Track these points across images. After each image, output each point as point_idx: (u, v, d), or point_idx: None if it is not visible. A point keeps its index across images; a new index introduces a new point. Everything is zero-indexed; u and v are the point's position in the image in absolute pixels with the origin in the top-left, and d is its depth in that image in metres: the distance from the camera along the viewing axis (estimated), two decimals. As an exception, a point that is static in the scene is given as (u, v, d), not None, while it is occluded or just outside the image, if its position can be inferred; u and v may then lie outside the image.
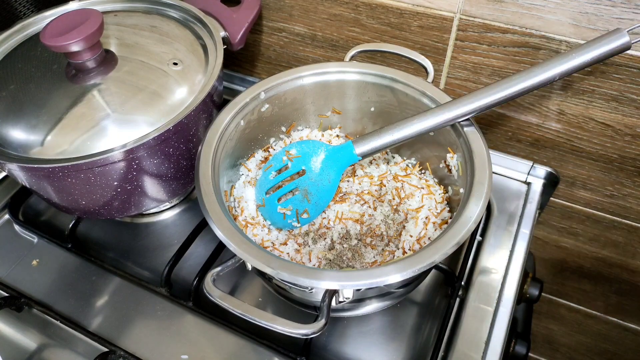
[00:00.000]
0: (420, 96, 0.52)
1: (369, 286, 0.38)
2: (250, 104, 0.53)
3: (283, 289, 0.48)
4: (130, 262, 0.60)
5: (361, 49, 0.58)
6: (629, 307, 0.87)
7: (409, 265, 0.38)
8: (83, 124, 0.50)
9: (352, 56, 0.58)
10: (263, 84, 0.54)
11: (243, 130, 0.53)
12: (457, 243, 0.40)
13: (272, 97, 0.55)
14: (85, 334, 0.52)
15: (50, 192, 0.52)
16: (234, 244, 0.40)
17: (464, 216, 0.41)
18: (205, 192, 0.44)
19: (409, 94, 0.53)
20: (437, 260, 0.39)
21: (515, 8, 0.54)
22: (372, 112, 0.57)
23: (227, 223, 0.42)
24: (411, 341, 0.52)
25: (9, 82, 0.54)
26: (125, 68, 0.54)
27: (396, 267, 0.38)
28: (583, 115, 0.60)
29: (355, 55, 0.58)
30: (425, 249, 0.40)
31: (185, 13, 0.62)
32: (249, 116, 0.53)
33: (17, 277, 0.58)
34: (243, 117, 0.52)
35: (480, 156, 0.46)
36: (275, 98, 0.55)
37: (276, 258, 0.40)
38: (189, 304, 0.54)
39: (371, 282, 0.38)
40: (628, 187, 0.66)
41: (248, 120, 0.53)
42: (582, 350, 1.04)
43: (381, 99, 0.56)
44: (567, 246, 0.80)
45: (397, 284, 0.48)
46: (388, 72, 0.54)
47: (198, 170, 0.46)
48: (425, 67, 0.55)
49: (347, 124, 0.60)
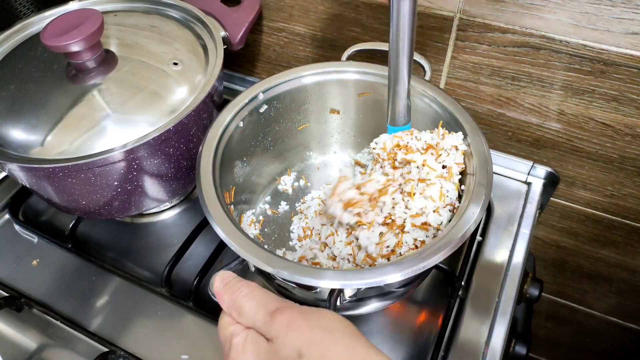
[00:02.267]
0: (420, 96, 0.52)
1: (370, 285, 0.38)
2: (250, 105, 0.53)
3: (285, 289, 0.48)
4: (131, 262, 0.60)
5: (358, 48, 0.58)
6: (629, 307, 0.87)
7: (410, 265, 0.38)
8: (83, 124, 0.50)
9: (349, 56, 0.58)
10: (263, 84, 0.54)
11: (242, 130, 0.53)
12: (457, 243, 0.40)
13: (272, 98, 0.55)
14: (85, 334, 0.52)
15: (50, 192, 0.52)
16: (235, 243, 0.40)
17: (464, 216, 0.41)
18: (206, 192, 0.44)
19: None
20: (437, 260, 0.39)
21: (515, 8, 0.54)
22: (372, 110, 0.58)
23: (229, 223, 0.42)
24: (411, 341, 0.52)
25: (9, 82, 0.54)
26: (126, 68, 0.54)
27: (397, 267, 0.38)
28: (583, 115, 0.60)
29: (352, 54, 0.58)
30: (426, 248, 0.40)
31: (185, 13, 0.62)
32: (249, 117, 0.53)
33: (17, 277, 0.58)
34: (243, 118, 0.52)
35: (480, 156, 0.46)
36: (274, 98, 0.55)
37: (277, 257, 0.40)
38: (189, 304, 0.54)
39: (372, 282, 0.38)
40: (628, 187, 0.66)
41: (248, 120, 0.53)
42: (582, 350, 1.04)
43: (381, 98, 0.56)
44: (567, 246, 0.80)
45: (398, 284, 0.48)
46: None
47: (199, 170, 0.46)
48: (422, 65, 0.55)
49: (347, 123, 0.61)
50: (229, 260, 0.42)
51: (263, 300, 0.34)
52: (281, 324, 0.32)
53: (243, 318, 0.34)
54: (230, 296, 0.35)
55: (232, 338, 0.34)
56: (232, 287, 0.36)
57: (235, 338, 0.34)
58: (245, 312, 0.34)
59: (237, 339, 0.34)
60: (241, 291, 0.35)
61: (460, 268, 0.55)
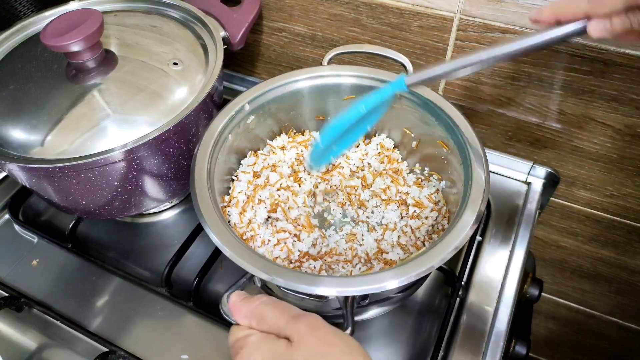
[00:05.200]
0: (416, 98, 0.52)
1: (367, 292, 0.38)
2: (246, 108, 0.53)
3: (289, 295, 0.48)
4: (131, 262, 0.60)
5: (338, 51, 0.57)
6: (628, 307, 0.87)
7: (407, 271, 0.38)
8: (83, 124, 0.50)
9: (330, 59, 0.57)
10: (265, 85, 0.54)
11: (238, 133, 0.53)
12: (455, 247, 0.40)
13: (273, 99, 0.55)
14: (85, 334, 0.52)
15: (50, 192, 0.52)
16: (230, 250, 0.40)
17: (462, 220, 0.41)
18: (201, 198, 0.44)
19: (406, 96, 0.53)
20: (435, 265, 0.39)
21: (515, 8, 0.54)
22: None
23: (225, 231, 0.42)
24: (411, 341, 0.52)
25: (9, 82, 0.54)
26: (126, 68, 0.54)
27: (394, 273, 0.38)
28: (583, 115, 0.60)
29: (333, 58, 0.57)
30: (423, 253, 0.39)
31: (185, 13, 0.62)
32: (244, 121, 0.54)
33: (17, 277, 0.58)
34: (240, 121, 0.53)
35: (477, 157, 0.46)
36: (274, 100, 0.55)
37: (272, 264, 0.39)
38: (189, 304, 0.54)
39: (369, 288, 0.38)
40: (628, 187, 0.66)
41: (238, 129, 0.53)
42: (582, 350, 1.04)
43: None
44: (567, 246, 0.80)
45: (396, 289, 0.48)
46: (383, 74, 0.54)
47: (193, 175, 0.46)
48: (404, 64, 0.55)
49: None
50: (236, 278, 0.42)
51: (285, 308, 0.35)
52: (305, 326, 0.33)
53: (265, 325, 0.35)
54: (250, 306, 0.36)
55: (247, 338, 0.34)
56: (251, 299, 0.36)
57: (251, 337, 0.34)
58: (267, 319, 0.35)
59: (253, 338, 0.34)
60: (262, 301, 0.36)
61: (460, 268, 0.55)
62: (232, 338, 0.36)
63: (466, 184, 0.45)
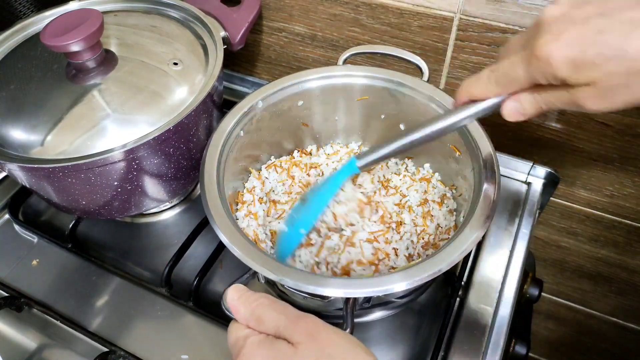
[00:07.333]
0: (427, 100, 0.52)
1: (375, 294, 0.37)
2: (254, 109, 0.53)
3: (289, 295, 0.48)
4: (131, 262, 0.60)
5: (355, 51, 0.58)
6: (629, 307, 0.87)
7: (415, 274, 0.38)
8: (83, 124, 0.50)
9: (346, 59, 0.57)
10: (268, 88, 0.54)
11: (247, 134, 0.53)
12: (464, 251, 0.39)
13: (280, 100, 0.55)
14: (85, 334, 0.52)
15: (50, 192, 0.52)
16: (239, 250, 0.40)
17: (471, 223, 0.41)
18: (210, 198, 0.44)
19: (417, 99, 0.53)
20: (444, 269, 0.39)
21: (516, 8, 0.54)
22: (379, 117, 0.58)
23: (235, 232, 0.42)
24: (411, 341, 0.52)
25: (9, 82, 0.54)
26: (126, 68, 0.54)
27: (402, 275, 0.38)
28: (583, 115, 0.60)
29: (349, 57, 0.57)
30: (432, 257, 0.39)
31: (185, 13, 0.62)
32: (253, 121, 0.54)
33: (17, 277, 0.58)
34: (246, 123, 0.53)
35: (488, 162, 0.46)
36: (281, 100, 0.55)
37: (281, 265, 0.39)
38: (189, 304, 0.54)
39: (377, 290, 0.37)
40: (628, 187, 0.66)
41: (250, 126, 0.53)
42: (582, 350, 1.04)
43: (388, 104, 0.56)
44: (567, 246, 0.80)
45: (402, 293, 0.48)
46: (395, 76, 0.54)
47: (203, 174, 0.46)
48: (420, 67, 0.55)
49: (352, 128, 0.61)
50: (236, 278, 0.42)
51: (283, 310, 0.35)
52: (305, 330, 0.33)
53: (263, 326, 0.35)
54: (248, 307, 0.36)
55: (247, 339, 0.34)
56: (248, 298, 0.36)
57: (251, 338, 0.34)
58: (266, 321, 0.35)
59: (252, 339, 0.34)
60: (260, 302, 0.36)
61: (460, 268, 0.55)
62: (231, 337, 0.36)
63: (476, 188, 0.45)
